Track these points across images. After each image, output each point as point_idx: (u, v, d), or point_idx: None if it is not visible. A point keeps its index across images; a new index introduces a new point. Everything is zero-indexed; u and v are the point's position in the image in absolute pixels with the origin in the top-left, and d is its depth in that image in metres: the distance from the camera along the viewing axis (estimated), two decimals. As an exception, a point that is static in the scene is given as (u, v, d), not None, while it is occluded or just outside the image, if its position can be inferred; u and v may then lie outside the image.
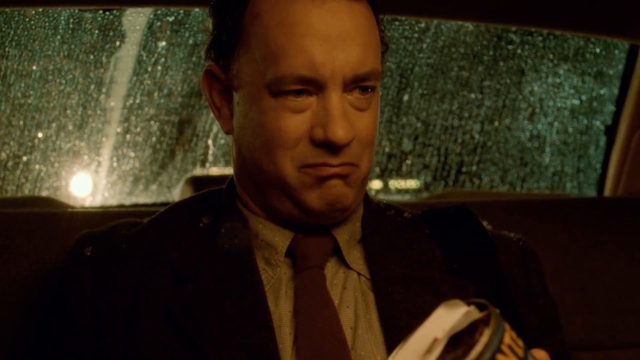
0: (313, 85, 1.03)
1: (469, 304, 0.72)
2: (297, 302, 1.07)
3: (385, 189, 3.30)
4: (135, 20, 2.51)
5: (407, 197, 3.19)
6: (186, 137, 2.89)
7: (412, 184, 3.26)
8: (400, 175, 3.22)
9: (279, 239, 1.11)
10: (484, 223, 1.21)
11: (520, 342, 0.71)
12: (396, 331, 1.05)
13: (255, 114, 1.06)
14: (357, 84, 1.05)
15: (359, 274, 1.12)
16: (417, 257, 1.13)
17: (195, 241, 1.12)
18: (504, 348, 0.69)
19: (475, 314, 0.72)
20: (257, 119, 1.06)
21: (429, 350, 0.69)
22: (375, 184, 3.30)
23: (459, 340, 0.70)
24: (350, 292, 1.10)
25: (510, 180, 3.11)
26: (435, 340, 0.69)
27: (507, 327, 0.71)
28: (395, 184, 3.30)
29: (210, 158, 2.92)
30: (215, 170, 2.95)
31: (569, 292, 1.77)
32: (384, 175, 3.21)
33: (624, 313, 1.78)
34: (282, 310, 1.07)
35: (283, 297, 1.08)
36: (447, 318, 0.71)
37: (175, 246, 1.12)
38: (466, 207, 1.22)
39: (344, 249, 1.12)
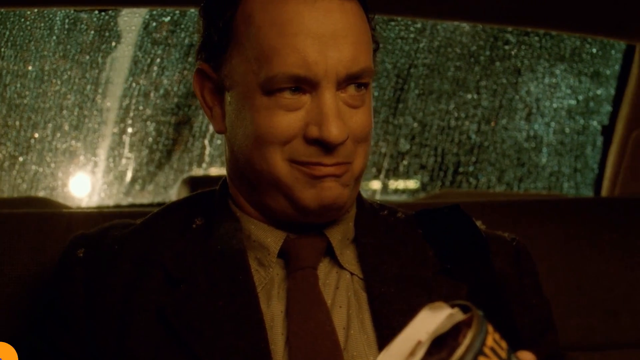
0: (307, 84, 1.03)
1: (452, 306, 0.73)
2: (290, 302, 1.07)
3: (385, 189, 3.30)
4: (130, 20, 2.51)
5: (403, 197, 3.19)
6: (183, 137, 2.89)
7: (411, 184, 3.26)
8: (397, 175, 3.21)
9: (272, 239, 1.11)
10: (478, 223, 1.21)
11: (504, 344, 0.71)
12: (389, 331, 1.04)
13: (247, 112, 1.06)
14: (351, 82, 1.05)
15: (351, 274, 1.12)
16: (410, 257, 1.13)
17: (188, 242, 1.12)
18: (486, 350, 0.69)
19: (459, 316, 0.72)
20: (249, 118, 1.06)
21: (412, 353, 0.69)
22: (375, 184, 3.29)
23: (443, 343, 0.70)
24: (343, 292, 1.10)
25: (507, 181, 3.10)
26: (419, 343, 0.70)
27: (490, 329, 0.71)
28: (394, 184, 3.30)
29: (206, 158, 2.92)
30: (214, 171, 2.95)
31: (565, 293, 1.77)
32: (380, 175, 3.20)
33: (621, 313, 1.78)
34: (274, 311, 1.07)
35: (275, 297, 1.08)
36: (430, 321, 0.71)
37: (168, 247, 1.12)
38: (460, 207, 1.22)
39: (337, 249, 1.12)
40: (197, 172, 2.95)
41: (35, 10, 2.32)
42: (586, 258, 1.81)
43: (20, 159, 2.65)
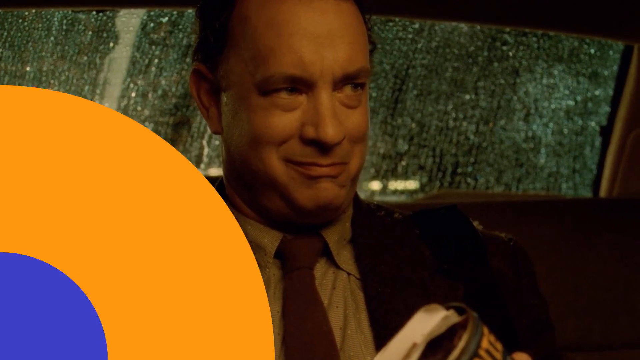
0: (303, 84, 1.03)
1: (448, 308, 0.72)
2: (286, 303, 1.07)
3: (384, 190, 3.30)
4: (128, 21, 2.51)
5: (402, 198, 3.19)
6: (181, 138, 2.89)
7: (410, 185, 3.26)
8: (395, 176, 3.21)
9: (268, 240, 1.11)
10: (475, 223, 1.21)
11: (499, 346, 0.71)
12: (386, 332, 1.04)
13: (244, 113, 1.06)
14: (347, 82, 1.05)
15: (348, 274, 1.12)
16: (407, 258, 1.13)
17: (185, 242, 1.12)
18: (482, 352, 0.69)
19: (454, 318, 0.72)
20: (246, 118, 1.06)
21: (407, 355, 0.69)
22: (374, 185, 3.29)
23: (439, 345, 0.70)
24: (339, 292, 1.10)
25: (506, 181, 3.10)
26: (414, 345, 0.69)
27: (485, 330, 0.70)
28: (393, 185, 3.30)
29: (205, 159, 2.91)
30: (213, 172, 2.95)
31: (563, 293, 1.77)
32: (379, 176, 3.20)
33: (619, 314, 1.79)
34: (270, 311, 1.07)
35: (272, 298, 1.08)
36: (425, 323, 0.71)
37: (164, 247, 1.11)
38: (457, 208, 1.22)
39: (334, 250, 1.12)
40: (196, 172, 2.94)
41: (33, 10, 2.32)
42: (584, 258, 1.81)
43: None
